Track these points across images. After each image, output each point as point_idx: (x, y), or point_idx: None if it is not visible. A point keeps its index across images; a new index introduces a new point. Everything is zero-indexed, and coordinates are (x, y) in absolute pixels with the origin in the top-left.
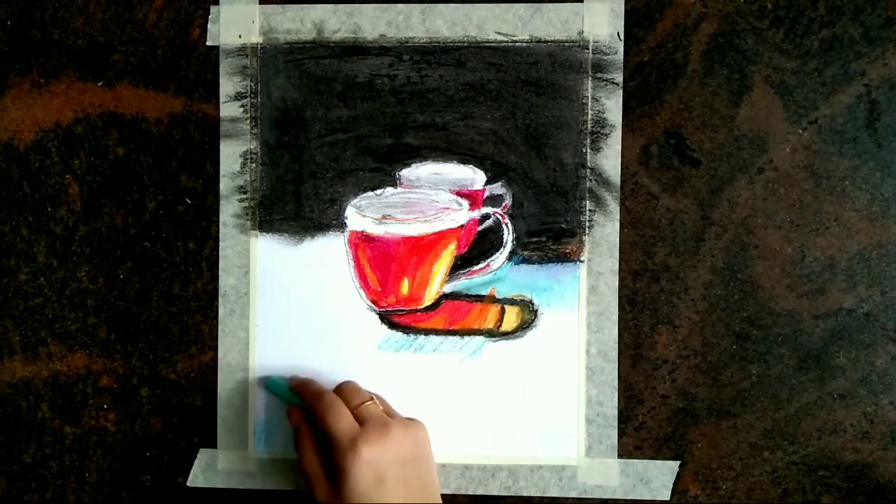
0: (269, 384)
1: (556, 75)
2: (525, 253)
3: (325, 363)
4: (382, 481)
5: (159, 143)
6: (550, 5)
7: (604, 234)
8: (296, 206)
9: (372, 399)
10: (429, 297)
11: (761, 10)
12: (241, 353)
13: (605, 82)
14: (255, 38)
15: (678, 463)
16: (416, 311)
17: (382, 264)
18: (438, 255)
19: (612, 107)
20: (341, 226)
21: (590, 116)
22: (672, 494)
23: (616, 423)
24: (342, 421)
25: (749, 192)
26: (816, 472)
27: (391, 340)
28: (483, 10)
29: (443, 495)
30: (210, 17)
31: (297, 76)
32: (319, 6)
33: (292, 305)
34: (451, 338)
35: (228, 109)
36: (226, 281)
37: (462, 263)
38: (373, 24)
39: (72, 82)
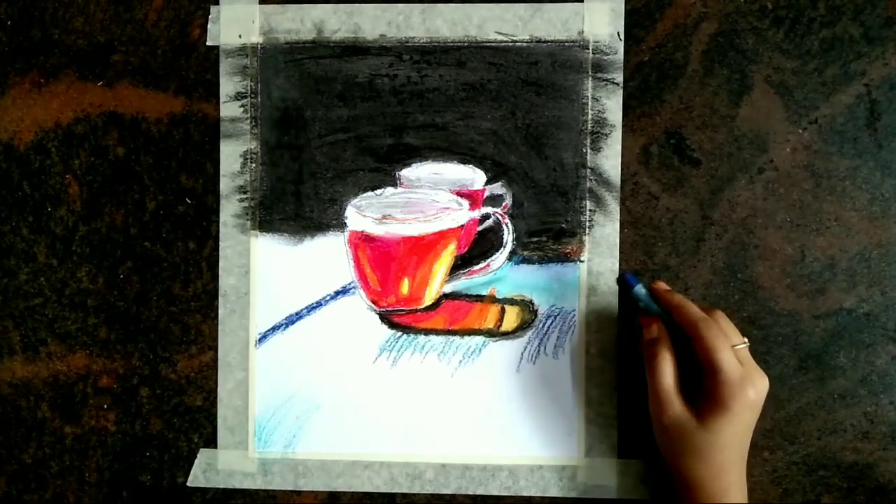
0: (628, 279)
1: (556, 75)
2: (525, 253)
3: (325, 363)
4: (749, 427)
5: (159, 143)
6: (550, 5)
7: (604, 234)
8: (296, 206)
9: (746, 342)
10: (429, 297)
11: (761, 10)
12: (241, 353)
13: (605, 82)
14: (255, 38)
15: None
16: (417, 310)
17: (382, 264)
18: (438, 255)
19: (612, 107)
20: (341, 226)
21: (590, 116)
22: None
23: (616, 423)
24: (732, 357)
25: (749, 192)
26: (816, 472)
27: (391, 340)
28: (483, 10)
29: (443, 495)
30: (210, 17)
31: (297, 76)
32: (319, 6)
33: (292, 305)
34: (451, 338)
35: (228, 109)
36: (226, 281)
37: (462, 263)
38: (373, 24)
39: (72, 82)
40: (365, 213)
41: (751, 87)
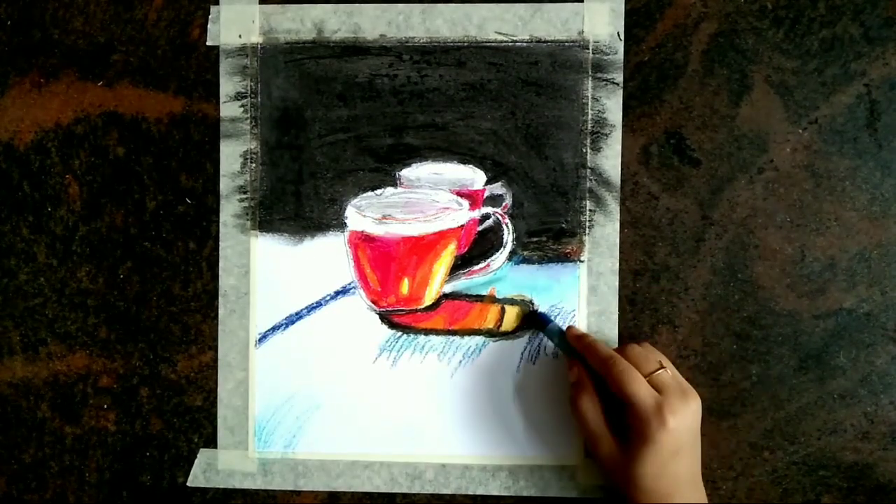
0: (542, 319)
1: (556, 75)
2: (525, 253)
3: (325, 363)
4: (679, 451)
5: (159, 143)
6: (550, 5)
7: (604, 234)
8: (296, 206)
9: (663, 366)
10: (429, 297)
11: (761, 10)
12: (241, 353)
13: (605, 82)
14: (255, 38)
15: None
16: (417, 310)
17: (382, 264)
18: (438, 255)
19: (612, 107)
20: (341, 226)
21: (590, 116)
22: None
23: None
24: (643, 388)
25: (749, 192)
26: (816, 472)
27: (391, 340)
28: (483, 10)
29: (443, 495)
30: (210, 17)
31: (297, 76)
32: (319, 6)
33: (292, 305)
34: (451, 338)
35: (228, 109)
36: (226, 281)
37: (462, 263)
38: (373, 24)
39: (72, 82)
40: (365, 213)
41: (751, 87)
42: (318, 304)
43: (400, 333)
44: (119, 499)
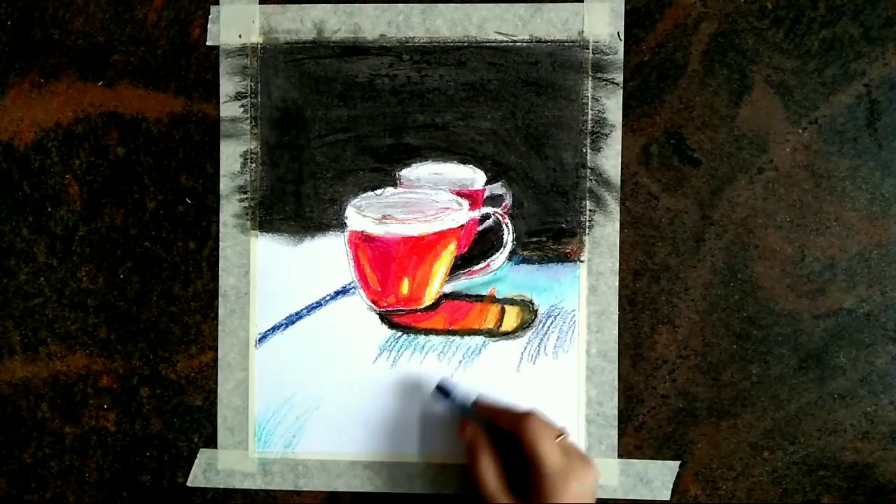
0: (443, 386)
1: (556, 75)
2: (525, 253)
3: (325, 363)
4: None
5: (159, 143)
6: (550, 5)
7: (604, 234)
8: (296, 206)
9: (565, 434)
10: (429, 297)
11: (761, 10)
12: (241, 353)
13: (605, 82)
14: (255, 38)
15: (678, 463)
16: (417, 311)
17: (382, 264)
18: (438, 255)
19: (612, 107)
20: (341, 226)
21: (590, 116)
22: (672, 494)
23: (616, 423)
24: (553, 450)
25: (749, 192)
26: (816, 472)
27: (391, 340)
28: (483, 10)
29: (443, 495)
30: (210, 17)
31: (297, 76)
32: (319, 6)
33: (292, 305)
34: (451, 338)
35: (228, 109)
36: (226, 281)
37: (462, 263)
38: (373, 24)
39: (72, 82)
40: (365, 213)
41: (751, 87)
42: (318, 304)
43: (400, 333)
44: (119, 499)
